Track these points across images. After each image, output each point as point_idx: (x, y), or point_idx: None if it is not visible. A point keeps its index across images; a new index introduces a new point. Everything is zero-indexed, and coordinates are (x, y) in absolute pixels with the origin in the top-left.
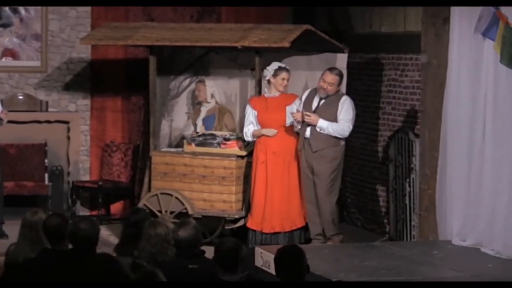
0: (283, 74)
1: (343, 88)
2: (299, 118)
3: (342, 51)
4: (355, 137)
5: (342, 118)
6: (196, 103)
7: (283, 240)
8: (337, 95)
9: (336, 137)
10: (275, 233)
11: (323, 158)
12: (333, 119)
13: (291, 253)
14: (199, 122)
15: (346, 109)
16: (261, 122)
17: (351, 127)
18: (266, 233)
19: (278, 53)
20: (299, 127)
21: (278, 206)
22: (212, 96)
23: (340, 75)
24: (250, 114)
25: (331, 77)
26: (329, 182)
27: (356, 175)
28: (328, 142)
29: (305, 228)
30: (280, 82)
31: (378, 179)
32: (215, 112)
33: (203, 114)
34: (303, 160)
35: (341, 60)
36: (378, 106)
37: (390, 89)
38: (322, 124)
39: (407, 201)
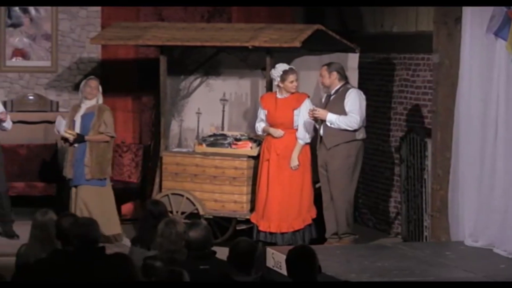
0: (291, 77)
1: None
2: (311, 116)
3: (353, 51)
4: (367, 137)
5: (349, 110)
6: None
7: (281, 240)
8: (345, 88)
9: (351, 133)
10: (272, 233)
11: (337, 155)
12: (343, 112)
13: (302, 254)
14: (78, 119)
15: (351, 100)
16: (269, 122)
17: (358, 118)
18: (263, 231)
19: (289, 53)
20: (317, 126)
21: (277, 207)
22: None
23: (327, 64)
24: (261, 112)
25: (320, 72)
26: (344, 179)
27: (367, 176)
28: (342, 138)
29: (309, 229)
30: (289, 85)
31: (390, 179)
32: (94, 110)
33: (82, 111)
34: (319, 159)
35: (353, 60)
36: (389, 106)
37: (402, 89)
38: (331, 117)
39: (419, 202)
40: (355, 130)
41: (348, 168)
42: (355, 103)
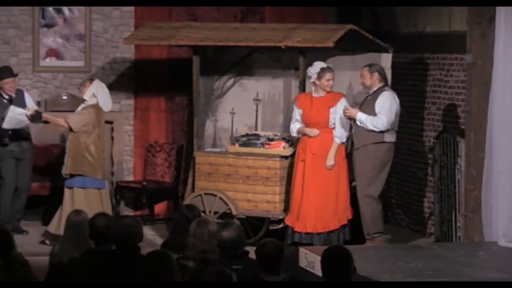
0: (327, 75)
1: None
2: (345, 115)
3: (386, 51)
4: (400, 138)
5: (378, 111)
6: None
7: (318, 241)
8: (380, 90)
9: (379, 135)
10: (308, 233)
11: (364, 156)
12: (374, 113)
13: (338, 255)
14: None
15: (381, 102)
16: (305, 121)
17: (385, 120)
18: (299, 232)
19: (322, 53)
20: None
21: (313, 206)
22: (94, 96)
23: (368, 65)
24: (296, 112)
25: (361, 72)
26: (368, 179)
27: (401, 176)
28: (370, 138)
29: (343, 230)
30: (326, 83)
31: (423, 179)
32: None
33: (78, 109)
34: (353, 158)
35: (386, 60)
36: (423, 106)
37: (435, 89)
38: (361, 117)
39: (452, 202)
40: (382, 132)
41: (374, 169)
42: (385, 105)
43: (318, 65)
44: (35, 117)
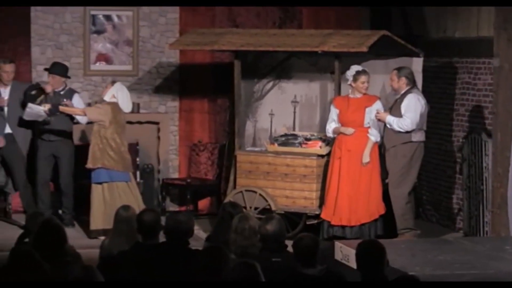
0: (362, 78)
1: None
2: (376, 118)
3: (417, 55)
4: (430, 138)
5: (403, 112)
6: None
7: (350, 233)
8: (407, 92)
9: (407, 135)
10: (342, 226)
11: (394, 156)
12: (401, 115)
13: (372, 248)
14: None
15: (406, 103)
16: (341, 121)
17: (409, 121)
18: (335, 226)
19: (356, 58)
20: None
21: (347, 201)
22: (114, 97)
23: (397, 69)
24: (333, 112)
25: (390, 75)
26: (397, 177)
27: (431, 174)
28: (398, 139)
29: (375, 225)
30: (361, 85)
31: (452, 177)
32: None
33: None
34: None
35: (417, 64)
36: (452, 108)
37: (464, 92)
38: (389, 119)
39: (480, 199)
40: (409, 132)
41: (402, 168)
42: (409, 106)
43: (354, 68)
44: (53, 111)
